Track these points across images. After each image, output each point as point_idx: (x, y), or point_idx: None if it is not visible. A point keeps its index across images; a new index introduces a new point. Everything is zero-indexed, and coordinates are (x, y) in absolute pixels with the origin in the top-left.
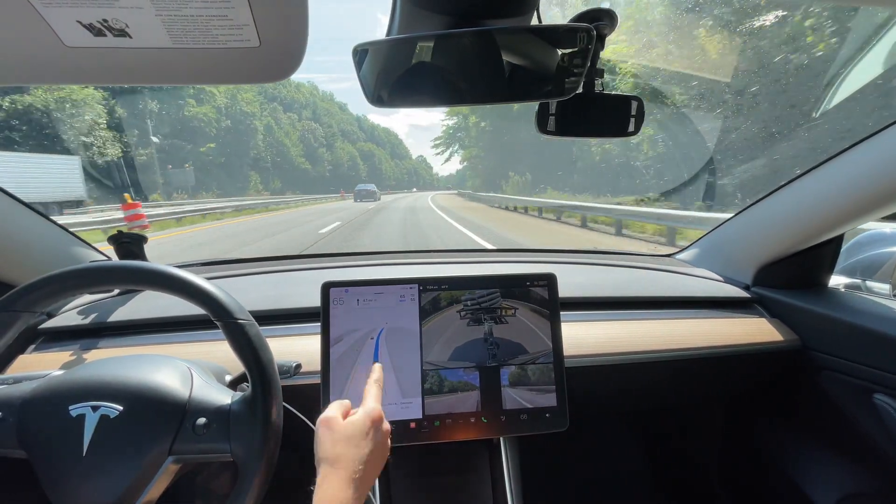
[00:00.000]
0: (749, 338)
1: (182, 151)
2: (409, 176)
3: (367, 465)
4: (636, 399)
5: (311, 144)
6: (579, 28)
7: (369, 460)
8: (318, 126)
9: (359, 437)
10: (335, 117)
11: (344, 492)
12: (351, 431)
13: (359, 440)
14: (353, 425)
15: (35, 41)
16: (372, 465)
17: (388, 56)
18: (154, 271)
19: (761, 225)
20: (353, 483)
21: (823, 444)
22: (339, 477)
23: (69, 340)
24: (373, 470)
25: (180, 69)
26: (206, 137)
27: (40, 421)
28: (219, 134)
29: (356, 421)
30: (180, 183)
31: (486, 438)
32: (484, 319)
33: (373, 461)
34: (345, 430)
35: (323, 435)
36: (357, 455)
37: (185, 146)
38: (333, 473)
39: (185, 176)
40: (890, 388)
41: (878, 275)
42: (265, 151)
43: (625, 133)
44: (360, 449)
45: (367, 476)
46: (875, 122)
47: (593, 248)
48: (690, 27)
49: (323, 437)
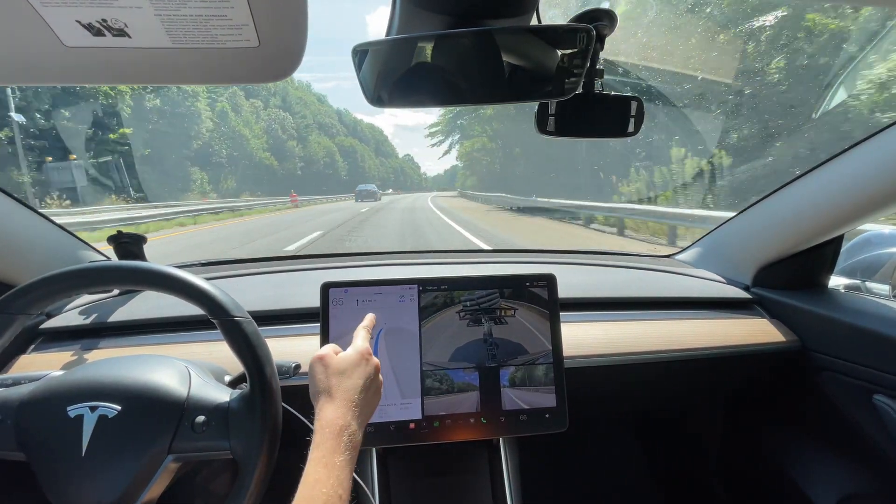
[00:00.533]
0: (749, 338)
1: (75, 139)
2: (396, 175)
3: (361, 393)
4: (636, 399)
5: (279, 136)
6: (579, 28)
7: (364, 389)
8: (287, 116)
9: (351, 370)
10: (311, 108)
11: (343, 417)
12: (344, 365)
13: (351, 372)
14: (345, 360)
15: (34, 41)
16: (366, 395)
17: (388, 56)
18: (150, 271)
19: (761, 225)
20: (352, 410)
21: (823, 444)
22: (337, 404)
23: (69, 341)
24: (367, 400)
25: (179, 69)
26: (117, 120)
27: (39, 422)
28: (140, 117)
29: (347, 356)
30: (63, 183)
31: (486, 439)
32: (483, 320)
33: (367, 391)
34: (337, 364)
35: (317, 369)
36: (351, 385)
37: (80, 132)
38: (330, 401)
39: (68, 173)
40: (890, 388)
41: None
42: (217, 143)
43: (625, 133)
44: (354, 380)
45: (363, 405)
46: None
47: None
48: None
49: (317, 371)
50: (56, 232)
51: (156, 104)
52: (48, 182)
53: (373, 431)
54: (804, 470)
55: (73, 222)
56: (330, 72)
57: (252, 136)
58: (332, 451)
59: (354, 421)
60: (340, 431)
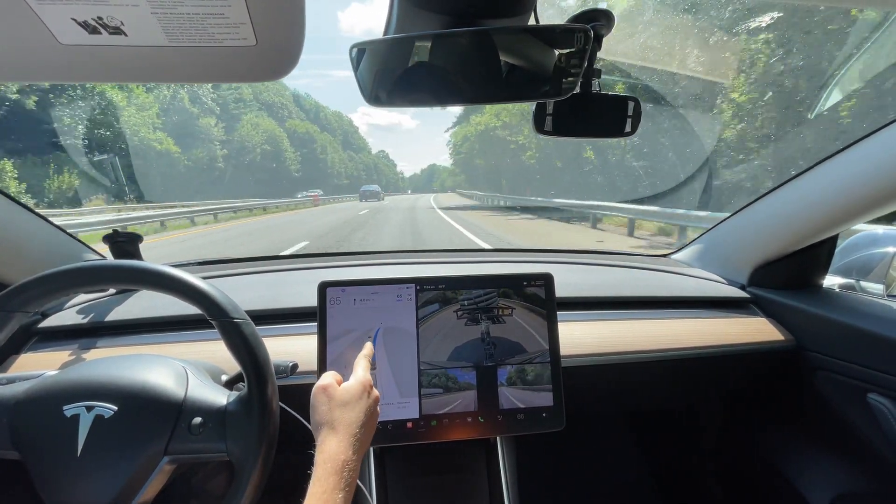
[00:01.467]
0: (744, 338)
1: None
2: (368, 172)
3: (362, 427)
4: (632, 398)
5: (186, 111)
6: (576, 28)
7: (364, 423)
8: (206, 87)
9: (354, 402)
10: (254, 84)
11: (346, 451)
12: (347, 397)
13: (354, 404)
14: (348, 391)
15: (29, 39)
16: (367, 428)
17: (386, 55)
18: (148, 270)
19: (757, 225)
20: (353, 444)
21: (818, 443)
22: (339, 438)
23: (65, 340)
24: (367, 433)
25: (176, 67)
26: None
27: (34, 421)
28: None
29: (350, 388)
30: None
31: (483, 438)
32: (481, 319)
33: (367, 424)
34: (341, 396)
35: (320, 400)
36: (353, 418)
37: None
38: (333, 435)
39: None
40: (884, 387)
41: (872, 275)
42: (65, 113)
43: (622, 133)
44: (357, 412)
45: (363, 438)
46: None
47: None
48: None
49: (320, 403)
50: (52, 231)
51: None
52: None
53: None
54: (799, 468)
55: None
56: (300, 68)
57: (136, 109)
58: (334, 487)
59: (355, 455)
60: (342, 467)
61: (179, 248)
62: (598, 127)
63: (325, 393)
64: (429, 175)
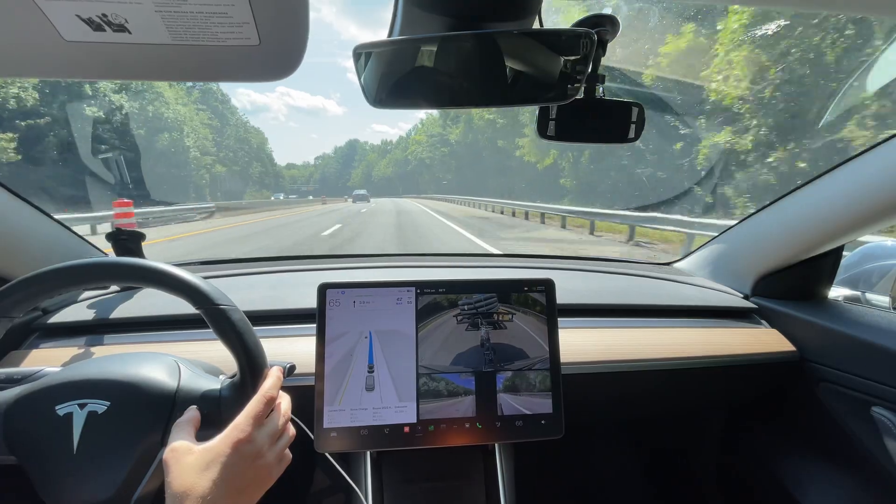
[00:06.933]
0: (747, 348)
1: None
2: (275, 179)
3: (239, 492)
4: (633, 407)
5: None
6: (580, 33)
7: (242, 487)
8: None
9: (216, 463)
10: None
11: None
12: (208, 458)
13: (215, 467)
14: (210, 451)
15: (34, 35)
16: (250, 489)
17: (390, 58)
18: (127, 265)
19: (761, 235)
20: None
21: (821, 456)
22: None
23: (66, 337)
24: (252, 492)
25: (179, 66)
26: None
27: (28, 425)
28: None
29: (211, 448)
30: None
31: (481, 444)
32: (481, 324)
33: (247, 486)
34: (197, 459)
35: (169, 466)
36: (216, 485)
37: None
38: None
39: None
40: (889, 401)
41: (878, 287)
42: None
43: (625, 139)
44: (222, 475)
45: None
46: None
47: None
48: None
49: (170, 469)
50: (53, 227)
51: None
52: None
53: (367, 434)
54: (801, 481)
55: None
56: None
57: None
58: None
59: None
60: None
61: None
62: (602, 132)
63: (174, 455)
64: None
